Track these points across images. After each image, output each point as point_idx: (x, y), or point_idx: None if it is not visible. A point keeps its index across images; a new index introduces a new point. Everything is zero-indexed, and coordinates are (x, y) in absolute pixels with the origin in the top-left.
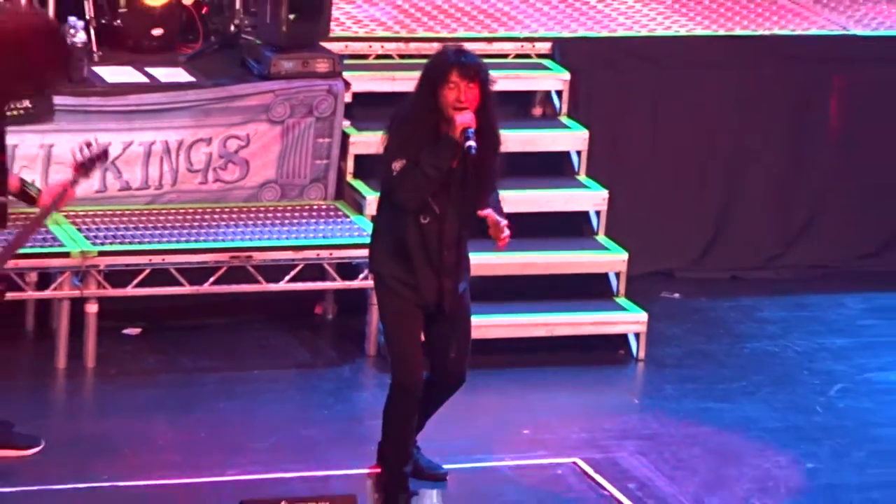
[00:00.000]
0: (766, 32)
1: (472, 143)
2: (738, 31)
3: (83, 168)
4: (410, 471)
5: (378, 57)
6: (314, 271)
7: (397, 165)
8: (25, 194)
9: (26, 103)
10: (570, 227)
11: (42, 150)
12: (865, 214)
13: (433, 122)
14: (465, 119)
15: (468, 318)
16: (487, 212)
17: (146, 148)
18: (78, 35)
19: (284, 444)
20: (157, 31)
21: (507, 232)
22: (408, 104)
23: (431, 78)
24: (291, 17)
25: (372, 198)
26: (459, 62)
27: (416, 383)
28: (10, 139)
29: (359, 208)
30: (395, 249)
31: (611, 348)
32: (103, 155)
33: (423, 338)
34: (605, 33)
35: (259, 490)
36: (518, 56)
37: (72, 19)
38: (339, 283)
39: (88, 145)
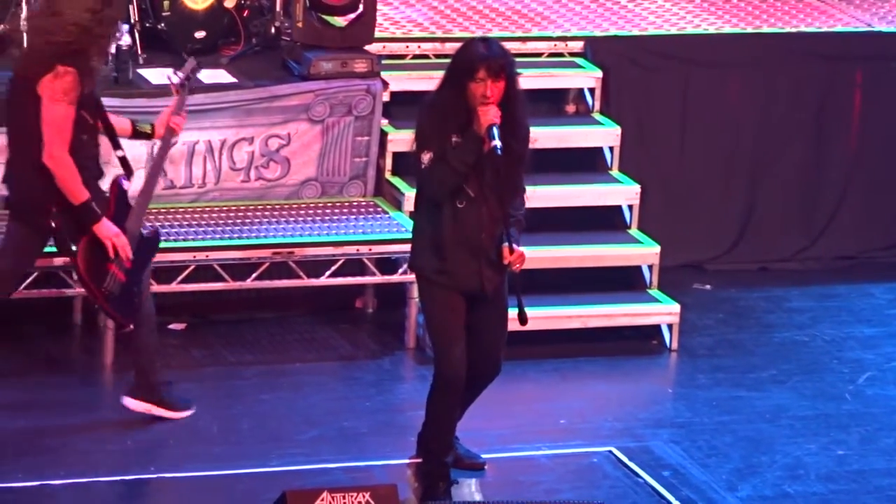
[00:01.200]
0: (792, 30)
1: (497, 142)
2: (765, 29)
3: (182, 88)
4: (451, 461)
5: (415, 57)
6: (354, 266)
7: (426, 157)
8: (140, 133)
9: None
10: (604, 221)
11: None
12: (890, 206)
13: (461, 113)
14: (489, 116)
15: (505, 308)
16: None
17: (190, 147)
18: (123, 38)
19: (326, 435)
20: (199, 34)
21: (518, 261)
22: (435, 95)
23: (458, 71)
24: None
25: (410, 194)
26: (486, 58)
27: (459, 375)
28: None
29: (397, 204)
30: (435, 242)
31: (644, 339)
32: (194, 69)
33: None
34: (635, 32)
35: (302, 480)
36: (551, 55)
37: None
38: (379, 278)
39: (176, 71)
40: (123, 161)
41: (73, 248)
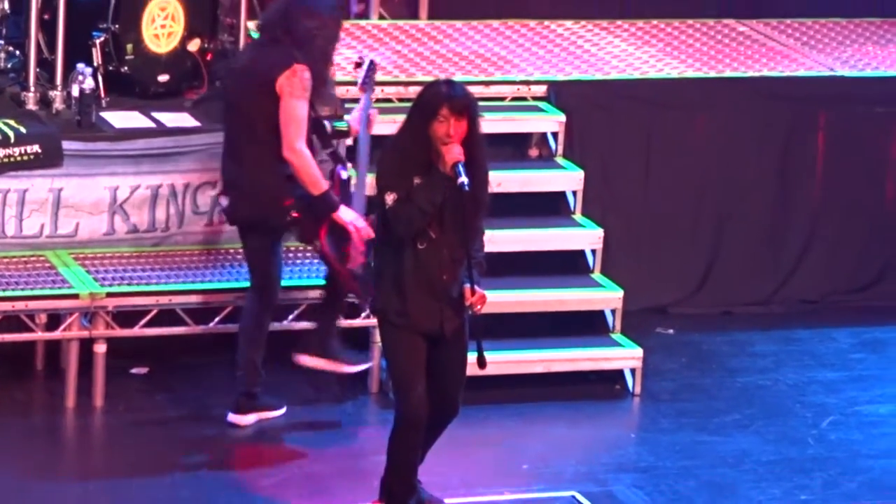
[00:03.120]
0: (755, 74)
1: (464, 178)
2: (727, 73)
3: (366, 86)
4: None
5: (378, 101)
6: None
7: (390, 198)
8: (338, 132)
9: (36, 148)
10: (567, 265)
11: (51, 194)
12: (853, 250)
13: (423, 153)
14: (454, 154)
15: (465, 351)
16: (466, 290)
17: (153, 191)
18: (86, 82)
19: (290, 479)
20: (163, 78)
21: (479, 302)
22: (397, 136)
23: (421, 111)
24: None
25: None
26: (449, 97)
27: (420, 416)
28: (20, 184)
29: None
30: (395, 283)
31: (607, 383)
32: (372, 66)
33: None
34: (598, 76)
35: None
36: (514, 99)
37: (80, 66)
38: (342, 322)
39: (358, 65)
40: (334, 155)
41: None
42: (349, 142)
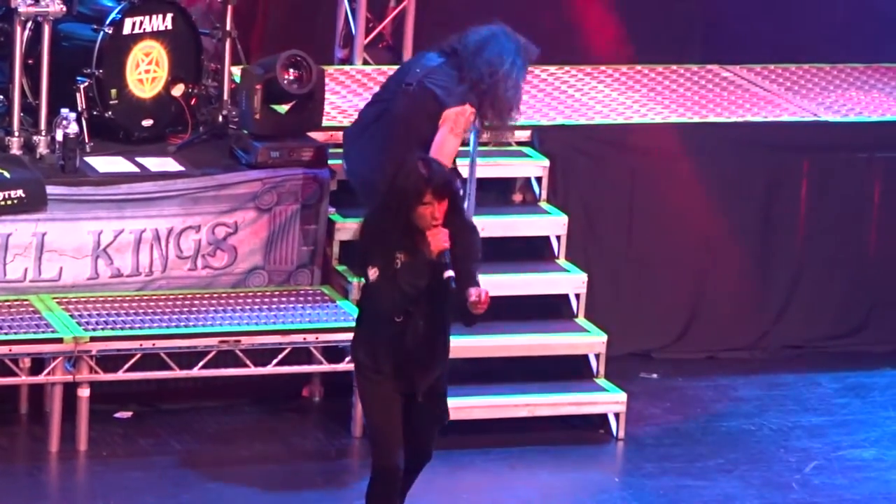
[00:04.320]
0: (739, 119)
1: (450, 273)
2: (711, 118)
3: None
4: None
5: None
6: (301, 355)
7: (372, 273)
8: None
9: (20, 192)
10: (551, 310)
11: (35, 238)
12: (837, 296)
13: (405, 234)
14: (440, 241)
15: (438, 402)
16: (468, 291)
17: (137, 235)
18: (70, 126)
19: None
20: (147, 123)
21: (483, 301)
22: (377, 216)
23: (403, 197)
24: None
25: (357, 282)
26: (431, 181)
27: (396, 467)
28: (3, 228)
29: (344, 293)
30: (371, 343)
31: (591, 428)
32: None
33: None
34: (582, 121)
35: None
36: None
37: (64, 111)
38: (326, 367)
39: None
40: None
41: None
42: None
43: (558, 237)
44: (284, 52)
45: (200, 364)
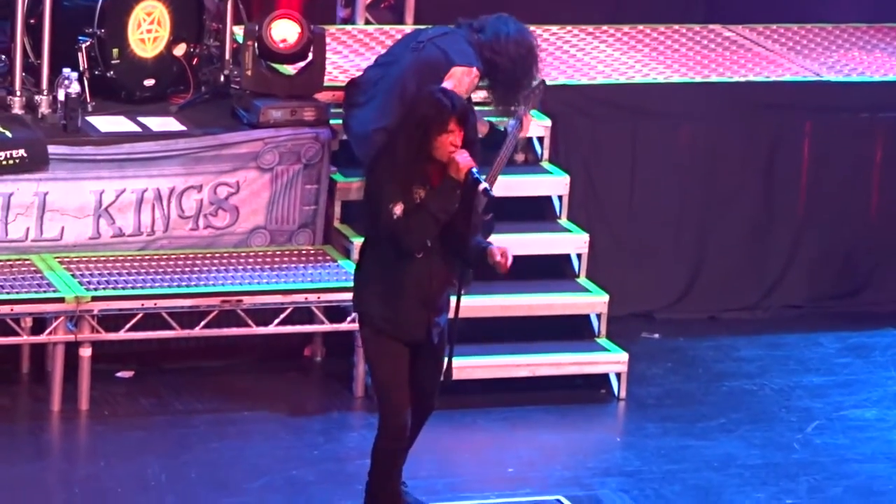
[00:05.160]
0: (741, 79)
1: (485, 184)
2: (713, 78)
3: (528, 100)
4: None
5: None
6: (303, 314)
7: (398, 210)
8: (496, 132)
9: (22, 152)
10: (553, 270)
11: (37, 198)
12: (839, 256)
13: (422, 164)
14: (467, 161)
15: (443, 354)
16: (491, 249)
17: (138, 195)
18: (72, 86)
19: (274, 484)
20: (148, 82)
21: (508, 260)
22: (392, 149)
23: (427, 124)
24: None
25: (358, 242)
26: (455, 109)
27: (404, 423)
28: (5, 187)
29: (346, 253)
30: (382, 288)
31: (593, 388)
32: (541, 88)
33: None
34: (584, 81)
35: None
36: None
37: (66, 71)
38: (328, 326)
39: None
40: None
41: None
42: None
43: (560, 197)
44: (275, 11)
45: (202, 324)
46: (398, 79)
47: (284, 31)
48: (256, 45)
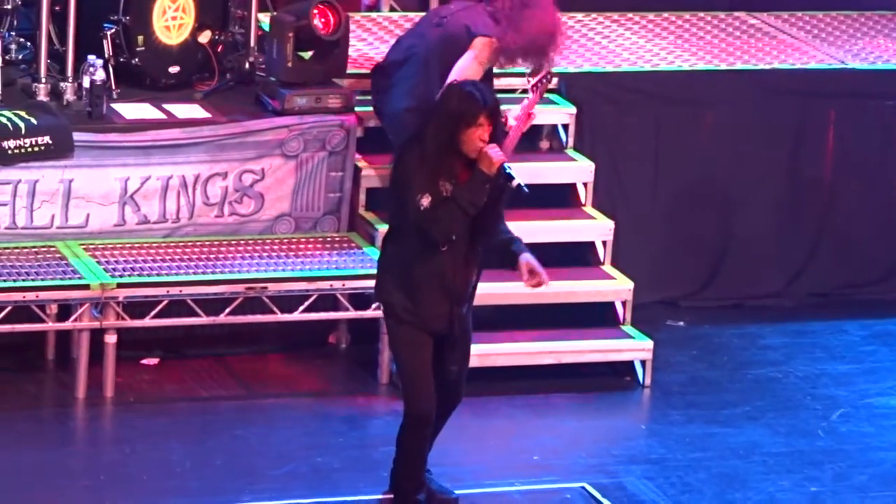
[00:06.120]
0: (766, 66)
1: (518, 180)
2: (738, 66)
3: (536, 89)
4: (423, 498)
5: None
6: (328, 302)
7: (426, 201)
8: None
9: (47, 139)
10: (578, 257)
11: (62, 185)
12: (864, 244)
13: (450, 158)
14: (498, 156)
15: (469, 338)
16: (527, 259)
17: (164, 182)
18: (97, 73)
19: (299, 471)
20: (173, 69)
21: (543, 281)
22: (424, 139)
23: (458, 120)
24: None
25: (383, 229)
26: (486, 104)
27: (429, 411)
28: (30, 174)
29: (371, 240)
30: (405, 279)
31: (617, 375)
32: (549, 76)
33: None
34: (609, 68)
35: None
36: (525, 91)
37: (91, 58)
38: (352, 313)
39: (534, 74)
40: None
41: None
42: None
43: (585, 184)
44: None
45: (227, 311)
46: (423, 57)
47: (325, 19)
48: (294, 34)
